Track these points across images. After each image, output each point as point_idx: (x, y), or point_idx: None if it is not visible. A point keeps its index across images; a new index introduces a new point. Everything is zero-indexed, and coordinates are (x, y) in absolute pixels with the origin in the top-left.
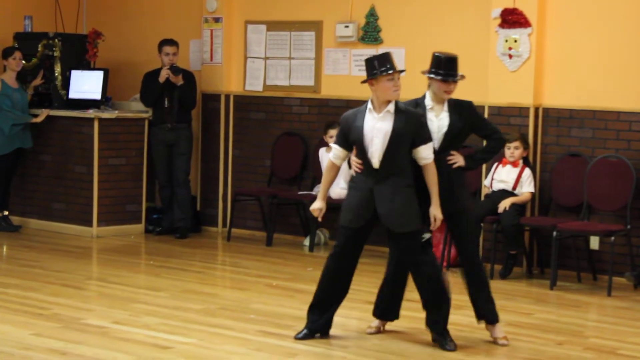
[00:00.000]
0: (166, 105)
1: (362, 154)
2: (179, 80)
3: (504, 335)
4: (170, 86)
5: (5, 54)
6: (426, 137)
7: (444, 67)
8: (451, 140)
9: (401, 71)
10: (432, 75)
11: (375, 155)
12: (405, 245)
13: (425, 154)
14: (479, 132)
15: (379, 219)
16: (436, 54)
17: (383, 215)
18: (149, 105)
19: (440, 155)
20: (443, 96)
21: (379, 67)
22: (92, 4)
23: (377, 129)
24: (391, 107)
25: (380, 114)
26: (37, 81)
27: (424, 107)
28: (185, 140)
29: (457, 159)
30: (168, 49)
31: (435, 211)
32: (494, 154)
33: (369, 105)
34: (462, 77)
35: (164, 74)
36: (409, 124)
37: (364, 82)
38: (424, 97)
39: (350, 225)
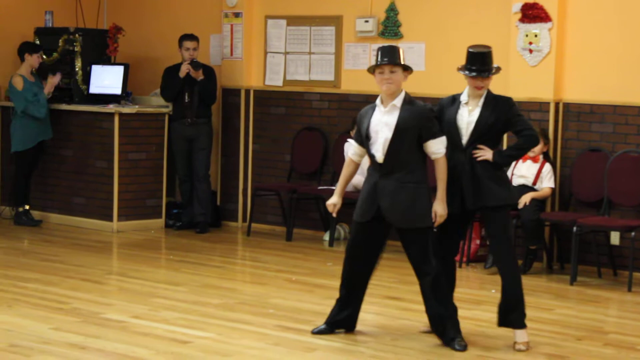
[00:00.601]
0: (186, 100)
1: (369, 148)
2: (200, 75)
3: (523, 341)
4: (191, 81)
5: (31, 50)
6: (434, 132)
7: (473, 63)
8: (479, 136)
9: (396, 64)
10: (461, 72)
11: (380, 149)
12: (410, 241)
13: (434, 148)
14: (512, 128)
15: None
16: (468, 49)
17: (385, 209)
18: (169, 100)
19: (467, 150)
20: (475, 92)
21: (375, 60)
22: None
23: (382, 123)
24: (398, 100)
25: (386, 107)
26: (55, 79)
27: (458, 103)
28: (206, 135)
29: (483, 153)
30: (188, 44)
31: (437, 206)
32: (523, 151)
33: (378, 99)
34: (496, 70)
35: (185, 69)
36: (414, 118)
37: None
38: (463, 92)
39: (357, 220)
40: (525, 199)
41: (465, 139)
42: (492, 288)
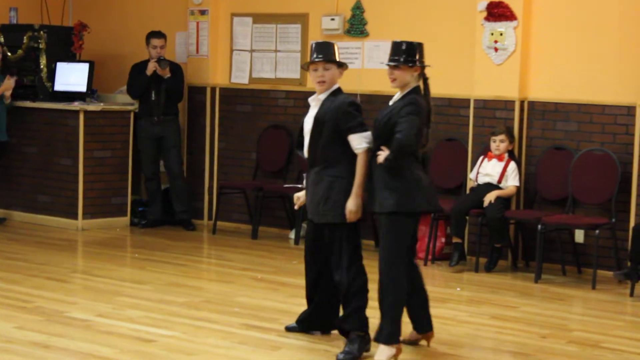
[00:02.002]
0: (153, 98)
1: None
2: (166, 73)
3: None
4: (157, 79)
5: None
6: (352, 126)
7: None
8: (377, 137)
9: (330, 61)
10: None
11: (305, 143)
12: (327, 238)
13: (354, 143)
14: (396, 128)
15: None
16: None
17: (307, 204)
18: (135, 97)
19: (374, 152)
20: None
21: (310, 56)
22: None
23: (310, 118)
24: (324, 94)
25: (314, 102)
26: (10, 84)
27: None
28: (174, 133)
29: (380, 156)
30: (156, 41)
31: (348, 202)
32: (392, 154)
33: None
34: (401, 63)
35: (151, 67)
36: (331, 112)
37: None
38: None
39: (309, 217)
40: (490, 197)
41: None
42: (456, 286)
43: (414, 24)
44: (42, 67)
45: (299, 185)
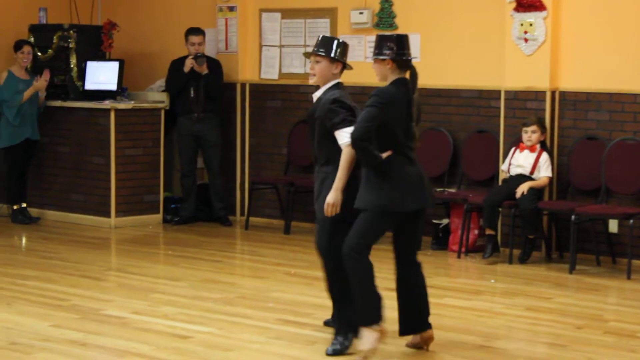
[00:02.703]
0: (192, 95)
1: None
2: (204, 70)
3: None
4: (196, 75)
5: (16, 48)
6: (335, 123)
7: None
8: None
9: (318, 55)
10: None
11: None
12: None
13: (338, 139)
14: None
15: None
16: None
17: None
18: (174, 94)
19: None
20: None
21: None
22: None
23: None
24: (320, 91)
25: (314, 98)
26: (40, 84)
27: None
28: (214, 131)
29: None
30: (194, 38)
31: (328, 195)
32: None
33: None
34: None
35: (189, 64)
36: (319, 109)
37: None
38: None
39: None
40: (522, 188)
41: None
42: (491, 278)
43: (443, 16)
44: (72, 66)
45: None
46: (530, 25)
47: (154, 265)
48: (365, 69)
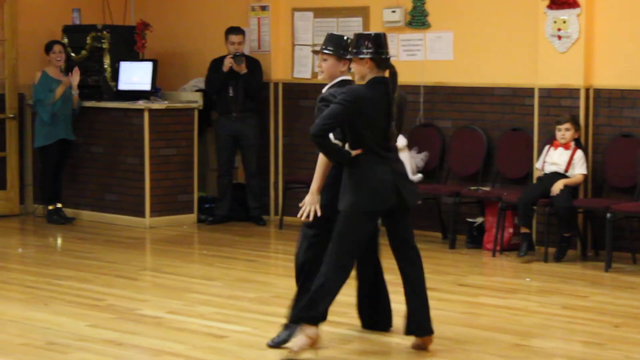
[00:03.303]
0: (230, 94)
1: None
2: (242, 69)
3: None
4: (235, 75)
5: (46, 49)
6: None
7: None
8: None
9: (324, 53)
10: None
11: None
12: None
13: None
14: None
15: None
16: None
17: None
18: (212, 93)
19: None
20: None
21: None
22: None
23: None
24: (324, 88)
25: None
26: (69, 81)
27: None
28: (253, 130)
29: None
30: (233, 37)
31: (306, 197)
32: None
33: None
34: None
35: (227, 63)
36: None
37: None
38: None
39: None
40: (557, 186)
41: None
42: (526, 276)
43: (476, 13)
44: (105, 67)
45: None
46: (564, 22)
47: (188, 265)
48: (398, 68)
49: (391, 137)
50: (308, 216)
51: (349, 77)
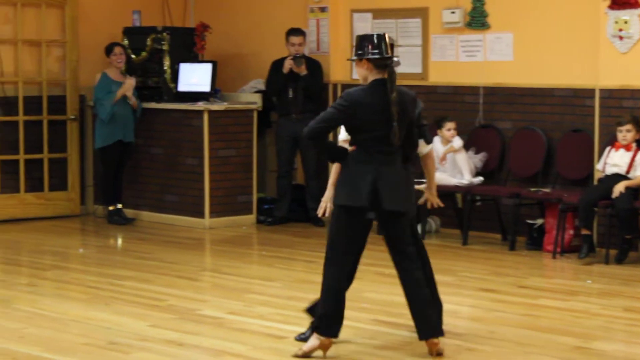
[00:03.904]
0: (290, 96)
1: None
2: (302, 70)
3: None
4: (295, 76)
5: (107, 51)
6: None
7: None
8: None
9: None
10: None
11: None
12: None
13: None
14: None
15: None
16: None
17: None
18: (273, 94)
19: None
20: None
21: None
22: None
23: None
24: None
25: None
26: (127, 86)
27: None
28: None
29: None
30: (294, 39)
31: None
32: None
33: None
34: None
35: (287, 65)
36: None
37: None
38: None
39: None
40: (619, 187)
41: None
42: (587, 278)
43: (536, 14)
44: (165, 68)
45: (423, 180)
46: (625, 22)
47: (248, 266)
48: (457, 69)
49: (393, 138)
50: (324, 214)
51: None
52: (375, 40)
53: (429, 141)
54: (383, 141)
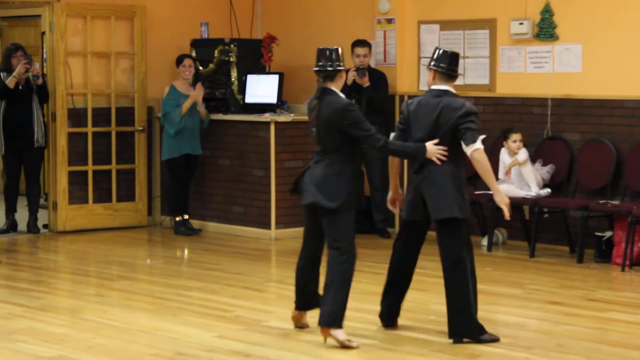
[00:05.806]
0: None
1: None
2: (365, 82)
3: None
4: (359, 88)
5: (177, 62)
6: None
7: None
8: None
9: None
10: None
11: None
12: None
13: None
14: None
15: None
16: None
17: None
18: None
19: None
20: None
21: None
22: (266, 9)
23: None
24: None
25: None
26: (195, 96)
27: None
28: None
29: None
30: (359, 50)
31: None
32: None
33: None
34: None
35: (350, 76)
36: None
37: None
38: None
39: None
40: None
41: None
42: None
43: (605, 25)
44: (233, 80)
45: (490, 192)
46: None
47: None
48: (525, 80)
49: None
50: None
51: (442, 87)
52: (322, 53)
53: (467, 143)
54: (316, 142)
